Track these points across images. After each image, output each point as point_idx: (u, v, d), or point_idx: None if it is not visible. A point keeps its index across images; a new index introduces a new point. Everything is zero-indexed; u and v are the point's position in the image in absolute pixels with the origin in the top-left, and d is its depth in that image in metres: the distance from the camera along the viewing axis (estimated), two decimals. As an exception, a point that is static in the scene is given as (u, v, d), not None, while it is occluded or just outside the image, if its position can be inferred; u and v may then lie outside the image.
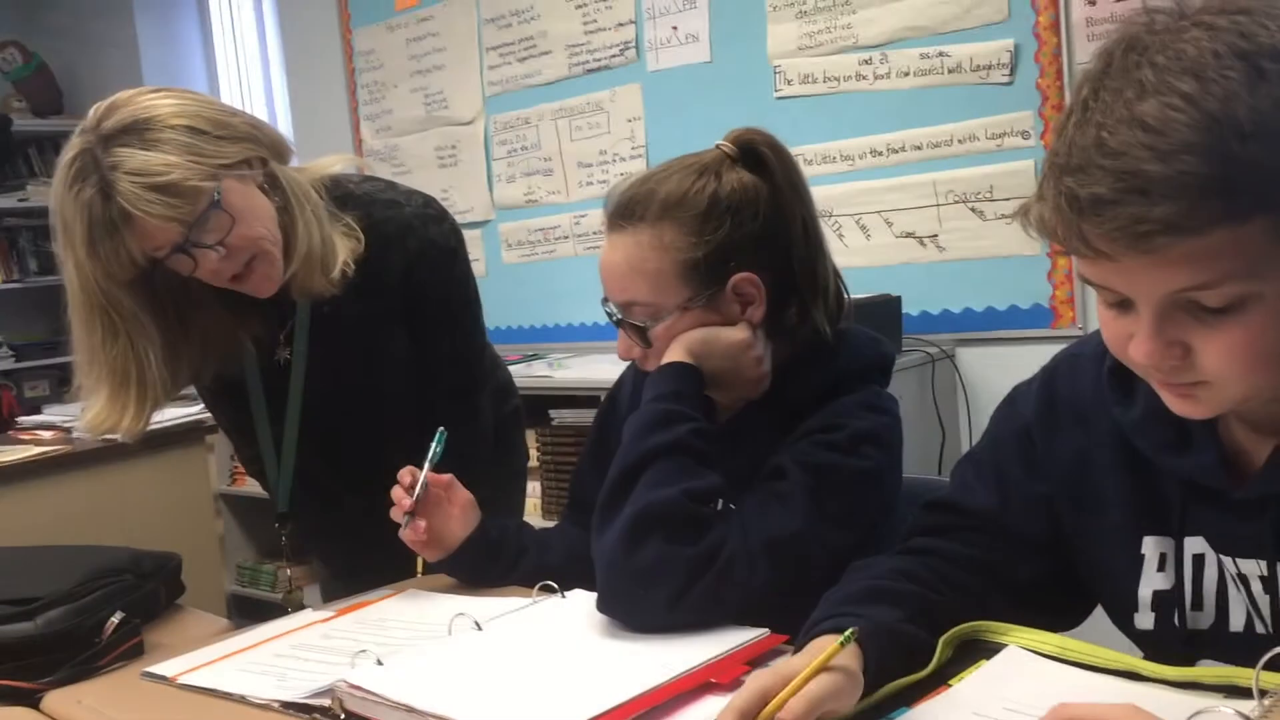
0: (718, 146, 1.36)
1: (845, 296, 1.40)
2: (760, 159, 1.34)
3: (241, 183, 1.46)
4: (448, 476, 1.44)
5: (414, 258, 1.64)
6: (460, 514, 1.45)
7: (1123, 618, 1.05)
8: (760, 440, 1.34)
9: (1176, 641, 1.00)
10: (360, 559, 1.74)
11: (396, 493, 1.43)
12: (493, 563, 1.46)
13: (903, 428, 1.37)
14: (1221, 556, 0.97)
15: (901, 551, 1.14)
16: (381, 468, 1.49)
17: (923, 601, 1.05)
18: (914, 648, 1.01)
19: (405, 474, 1.43)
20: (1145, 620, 1.02)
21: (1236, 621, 0.97)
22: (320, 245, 1.53)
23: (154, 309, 1.50)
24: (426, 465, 1.43)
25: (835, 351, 1.36)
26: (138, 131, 1.39)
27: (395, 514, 1.42)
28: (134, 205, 1.36)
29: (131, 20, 4.96)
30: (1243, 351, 0.82)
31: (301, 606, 1.67)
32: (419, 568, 1.52)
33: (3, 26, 5.22)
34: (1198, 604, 0.99)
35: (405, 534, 1.42)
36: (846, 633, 0.92)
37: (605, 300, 1.37)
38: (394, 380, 1.70)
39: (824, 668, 0.90)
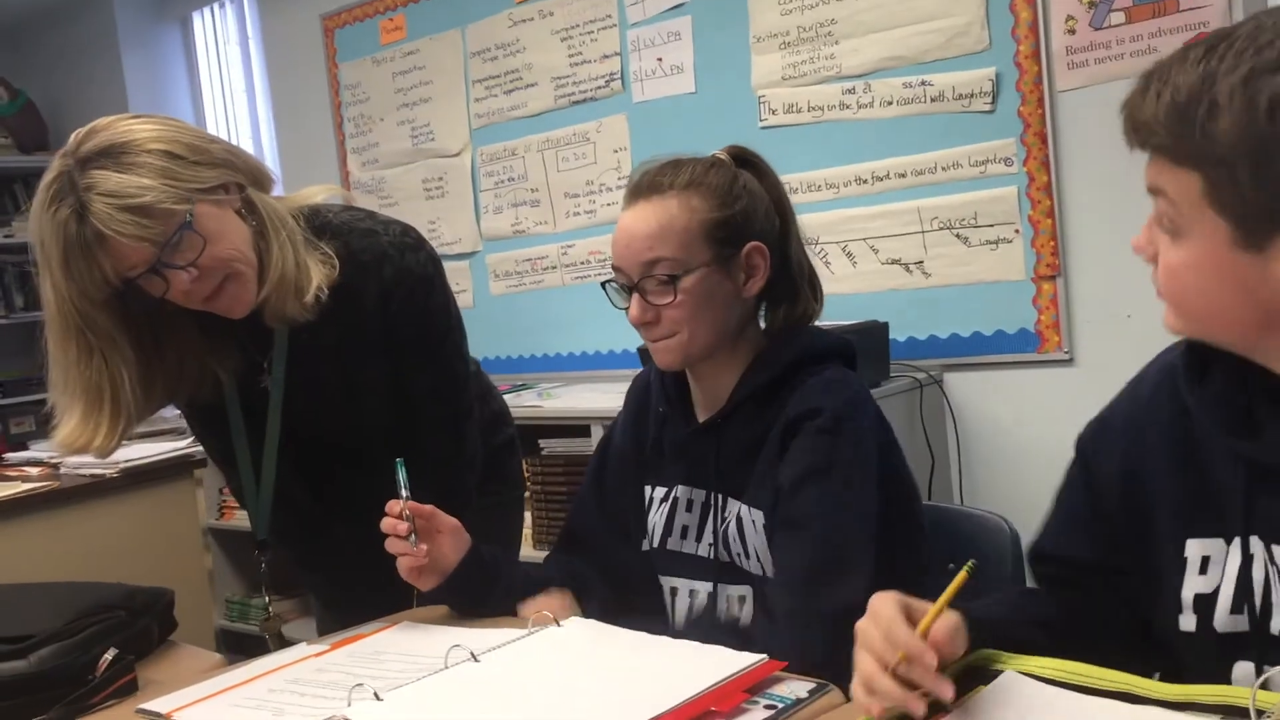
0: (713, 155, 1.45)
1: (821, 296, 1.52)
2: (756, 165, 1.47)
3: (217, 206, 1.47)
4: (429, 507, 1.45)
5: (390, 286, 1.64)
6: (450, 539, 1.46)
7: (1168, 621, 1.05)
8: (741, 428, 1.42)
9: (1215, 644, 1.01)
10: (349, 588, 1.74)
11: (388, 523, 1.43)
12: (490, 586, 1.47)
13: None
14: (1273, 546, 0.97)
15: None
16: (366, 496, 1.49)
17: (1039, 616, 1.11)
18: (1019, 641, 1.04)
19: (395, 504, 1.44)
20: (1188, 622, 1.03)
21: (1277, 623, 0.97)
22: (294, 270, 1.54)
23: (129, 330, 1.51)
24: (405, 494, 1.43)
25: (797, 335, 1.46)
26: (114, 155, 1.41)
27: (392, 545, 1.42)
28: (107, 226, 1.39)
29: (118, 55, 4.97)
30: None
31: (280, 636, 1.66)
32: (414, 600, 1.52)
33: (-12, 63, 5.23)
34: (1238, 607, 1.00)
35: (404, 562, 1.42)
36: (968, 564, 0.97)
37: (605, 284, 1.44)
38: (374, 408, 1.70)
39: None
